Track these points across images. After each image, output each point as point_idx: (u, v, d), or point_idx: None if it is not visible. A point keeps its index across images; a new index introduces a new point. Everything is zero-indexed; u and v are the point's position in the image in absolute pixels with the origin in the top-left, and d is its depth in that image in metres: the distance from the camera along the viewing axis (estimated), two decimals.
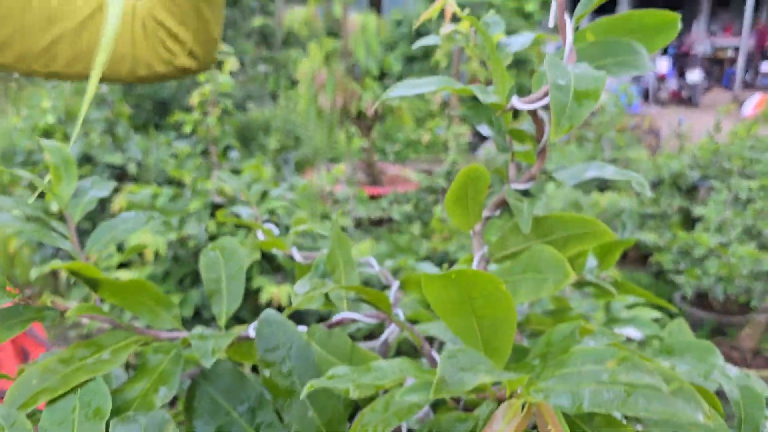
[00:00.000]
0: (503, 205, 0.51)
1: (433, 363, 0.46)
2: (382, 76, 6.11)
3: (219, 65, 1.82)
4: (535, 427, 0.34)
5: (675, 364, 0.49)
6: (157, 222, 0.91)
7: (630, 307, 0.82)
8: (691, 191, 3.91)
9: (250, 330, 0.48)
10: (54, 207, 2.28)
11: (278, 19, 8.06)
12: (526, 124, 0.53)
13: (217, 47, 0.89)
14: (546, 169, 0.56)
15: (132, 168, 2.40)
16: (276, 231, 0.67)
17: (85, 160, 2.51)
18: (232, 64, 1.76)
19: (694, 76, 10.23)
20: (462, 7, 0.59)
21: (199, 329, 0.45)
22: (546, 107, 0.45)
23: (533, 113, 0.47)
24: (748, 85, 12.55)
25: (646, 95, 10.34)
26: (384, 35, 3.39)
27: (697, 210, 2.98)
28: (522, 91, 0.54)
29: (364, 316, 0.50)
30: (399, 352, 0.66)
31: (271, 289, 1.57)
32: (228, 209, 1.82)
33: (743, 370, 0.54)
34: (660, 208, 3.40)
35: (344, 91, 3.35)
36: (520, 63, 5.86)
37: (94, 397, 0.39)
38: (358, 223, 2.79)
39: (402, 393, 0.31)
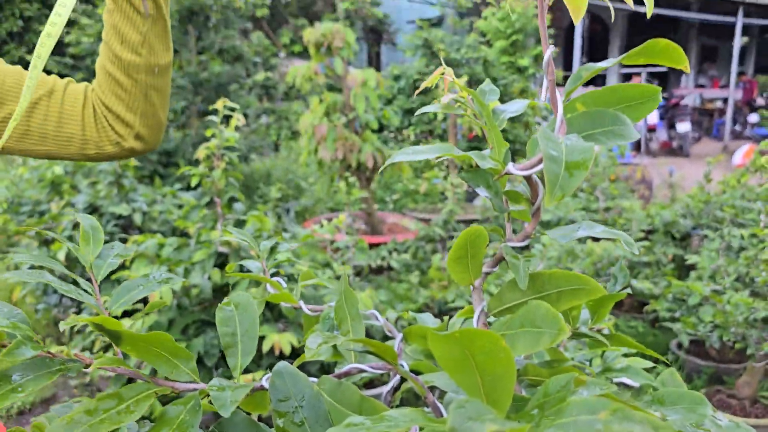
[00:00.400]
0: (501, 261, 0.55)
1: (437, 411, 0.49)
2: (381, 128, 6.25)
3: (226, 120, 1.89)
4: None
5: (667, 414, 0.52)
6: (163, 272, 0.94)
7: (625, 355, 0.85)
8: (684, 240, 3.96)
9: (264, 381, 0.50)
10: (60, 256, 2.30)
11: (279, 73, 8.27)
12: (521, 186, 0.57)
13: (164, 129, 0.95)
14: (541, 221, 0.60)
15: (137, 218, 2.45)
16: (284, 284, 0.70)
17: (92, 210, 2.55)
18: (238, 120, 1.82)
19: (684, 126, 10.46)
20: (458, 64, 0.64)
21: (216, 381, 0.48)
22: (539, 173, 0.49)
23: (528, 177, 0.51)
24: (737, 136, 12.81)
25: (637, 146, 10.54)
26: (383, 90, 3.50)
27: (691, 258, 3.01)
28: (516, 143, 0.59)
29: (371, 368, 0.52)
30: (402, 400, 0.69)
31: (274, 337, 1.58)
32: (234, 260, 1.84)
33: (733, 419, 0.57)
34: (654, 256, 3.44)
35: (344, 143, 3.43)
36: (514, 117, 6.00)
37: None
38: (358, 272, 2.82)
39: None
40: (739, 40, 12.17)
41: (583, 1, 0.61)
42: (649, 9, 0.55)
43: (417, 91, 0.63)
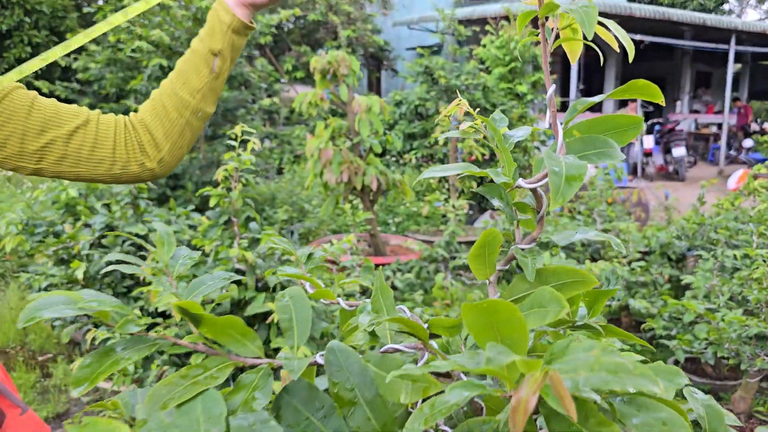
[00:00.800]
0: (512, 260, 0.66)
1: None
2: (384, 152, 6.40)
3: (244, 144, 2.02)
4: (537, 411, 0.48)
5: None
6: (224, 273, 1.06)
7: (621, 350, 0.95)
8: (680, 261, 4.07)
9: (318, 357, 0.61)
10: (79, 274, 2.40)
11: (281, 99, 8.45)
12: (527, 199, 0.68)
13: (179, 162, 1.10)
14: (542, 235, 0.71)
15: (153, 238, 2.56)
16: (322, 284, 0.81)
17: (109, 229, 2.66)
18: (254, 143, 1.95)
19: (679, 151, 10.64)
20: (461, 90, 0.76)
21: (283, 354, 0.58)
22: (543, 186, 0.61)
23: (534, 190, 0.63)
24: (733, 160, 13.00)
25: (634, 170, 10.70)
26: (386, 115, 3.64)
27: (686, 278, 3.12)
28: (516, 164, 0.70)
29: (405, 347, 0.63)
30: None
31: None
32: (251, 277, 1.94)
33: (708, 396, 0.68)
34: (651, 276, 3.54)
35: (349, 166, 3.56)
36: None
37: (212, 402, 0.52)
38: (363, 290, 2.92)
39: (451, 387, 0.45)
40: (731, 67, 12.43)
41: (579, 45, 0.73)
42: (630, 54, 0.67)
43: (438, 118, 0.75)
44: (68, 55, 9.70)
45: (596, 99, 0.63)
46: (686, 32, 13.36)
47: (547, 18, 0.63)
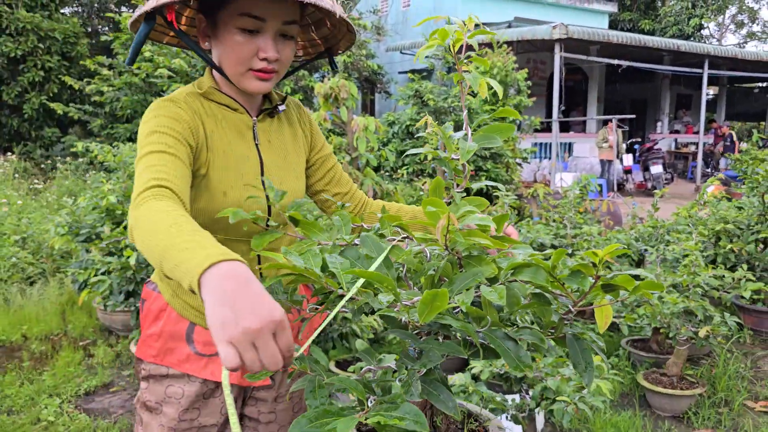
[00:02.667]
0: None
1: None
2: (379, 167, 6.98)
3: None
4: None
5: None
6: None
7: None
8: (640, 263, 4.64)
9: (356, 241, 1.16)
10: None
11: None
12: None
13: None
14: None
15: None
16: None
17: None
18: None
19: (657, 169, 11.29)
20: (445, 111, 1.29)
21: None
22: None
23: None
24: (709, 178, 13.67)
25: (614, 186, 11.33)
26: (382, 134, 4.20)
27: (636, 270, 3.67)
28: (498, 180, 1.25)
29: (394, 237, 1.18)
30: None
31: None
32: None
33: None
34: (610, 271, 4.10)
35: (349, 177, 4.12)
36: (496, 156, 6.76)
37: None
38: None
39: (412, 247, 1.01)
40: (705, 90, 13.16)
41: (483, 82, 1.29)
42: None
43: (415, 127, 1.32)
44: (80, 78, 10.29)
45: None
46: (665, 57, 14.13)
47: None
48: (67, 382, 3.29)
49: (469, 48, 1.15)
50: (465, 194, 1.15)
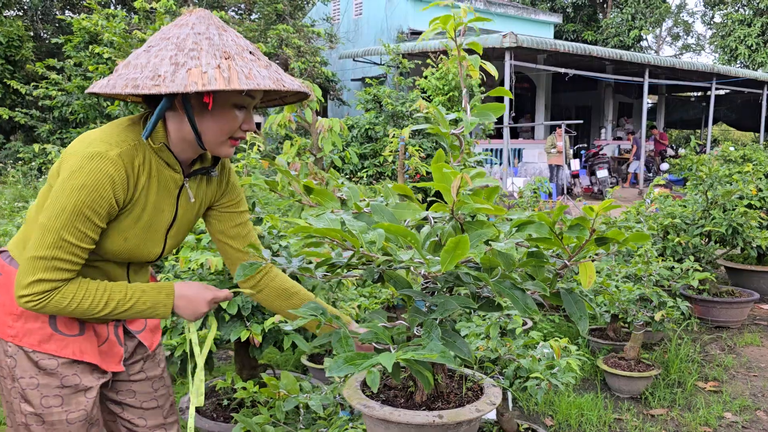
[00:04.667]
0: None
1: None
2: (339, 170, 7.05)
3: (251, 146, 2.60)
4: None
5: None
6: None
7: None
8: (596, 254, 4.86)
9: (366, 209, 1.23)
10: None
11: None
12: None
13: None
14: None
15: None
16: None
17: None
18: (259, 145, 2.54)
19: (603, 173, 11.77)
20: (402, 115, 1.36)
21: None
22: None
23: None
24: (651, 182, 14.31)
25: (563, 191, 11.74)
26: (346, 135, 4.28)
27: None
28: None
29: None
30: None
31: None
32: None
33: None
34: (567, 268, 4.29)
35: (315, 176, 4.18)
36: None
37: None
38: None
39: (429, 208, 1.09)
40: (646, 98, 13.81)
41: (475, 73, 1.40)
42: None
43: (412, 108, 1.40)
44: (27, 83, 9.95)
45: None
46: (608, 66, 14.73)
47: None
48: None
49: (470, 29, 1.26)
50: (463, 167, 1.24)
